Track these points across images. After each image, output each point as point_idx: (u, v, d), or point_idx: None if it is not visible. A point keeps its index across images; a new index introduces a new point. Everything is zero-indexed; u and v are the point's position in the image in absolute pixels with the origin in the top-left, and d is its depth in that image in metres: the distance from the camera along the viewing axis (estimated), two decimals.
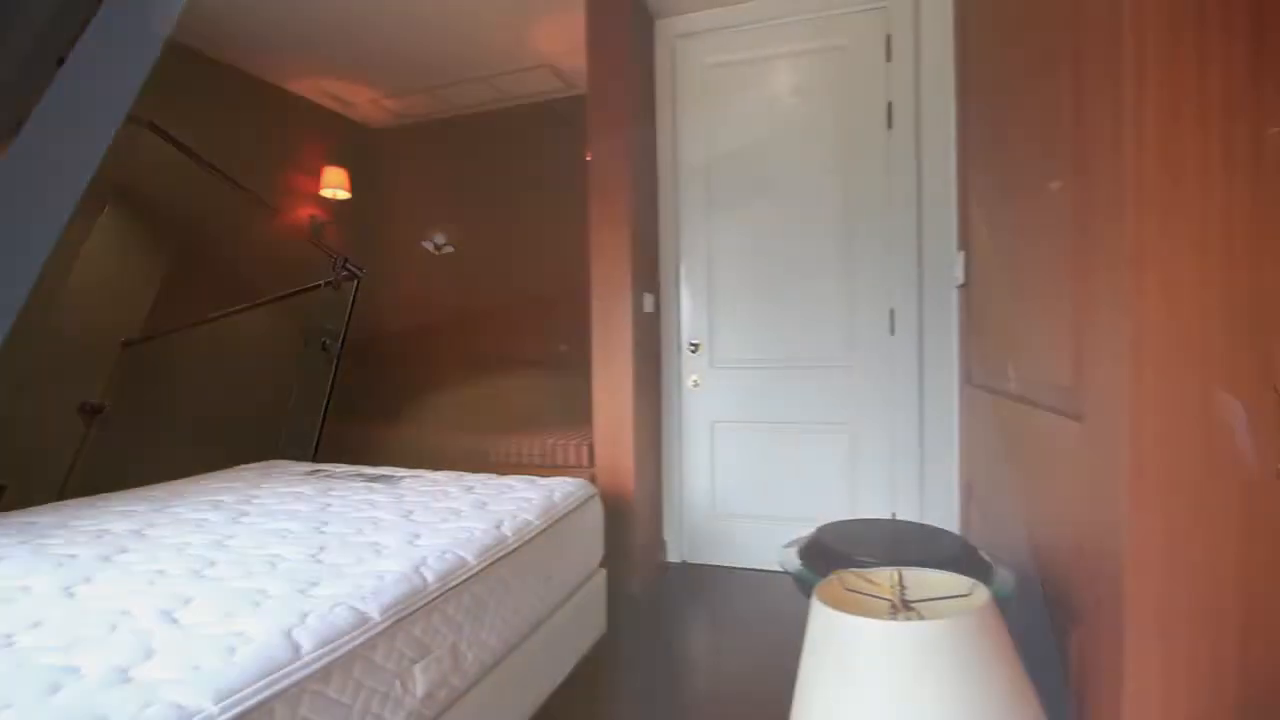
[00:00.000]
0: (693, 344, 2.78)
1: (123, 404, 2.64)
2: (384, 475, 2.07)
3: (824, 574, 1.05)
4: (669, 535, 2.83)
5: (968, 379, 2.05)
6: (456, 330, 3.96)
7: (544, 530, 1.61)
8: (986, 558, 1.32)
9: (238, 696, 0.78)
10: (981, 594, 0.93)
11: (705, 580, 2.61)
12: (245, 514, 1.58)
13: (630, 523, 2.46)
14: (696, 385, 2.78)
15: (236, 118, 3.26)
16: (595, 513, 1.95)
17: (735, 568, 2.73)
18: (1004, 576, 1.22)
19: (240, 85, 3.28)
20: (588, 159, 2.59)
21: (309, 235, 3.70)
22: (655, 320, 2.76)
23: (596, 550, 1.95)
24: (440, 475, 2.05)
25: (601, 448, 2.52)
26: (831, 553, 1.26)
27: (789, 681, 0.91)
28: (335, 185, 3.65)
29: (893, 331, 2.52)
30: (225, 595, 1.04)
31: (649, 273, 2.69)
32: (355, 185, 3.89)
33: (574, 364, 3.62)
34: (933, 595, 1.00)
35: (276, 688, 0.83)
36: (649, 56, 2.72)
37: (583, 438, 2.65)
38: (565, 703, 1.70)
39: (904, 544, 1.39)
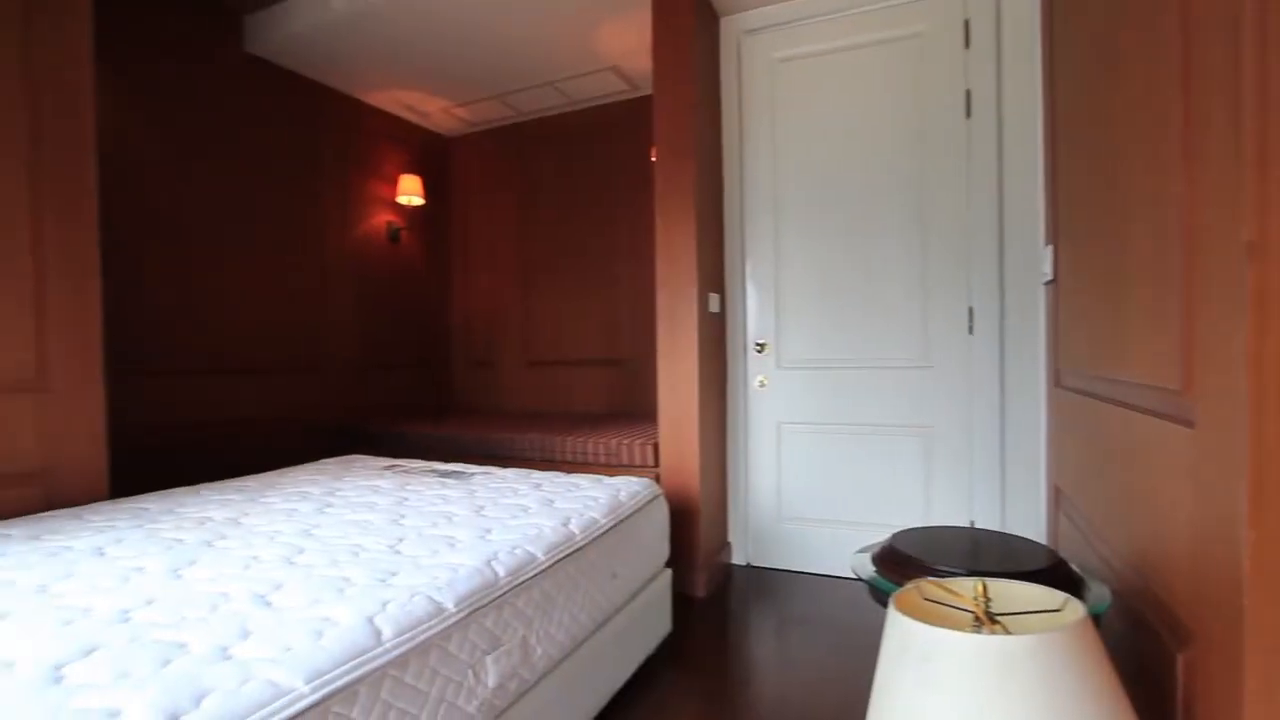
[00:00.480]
0: (758, 344, 2.74)
1: None
2: (455, 471, 2.13)
3: (900, 582, 1.01)
4: (734, 538, 2.80)
5: (1056, 381, 1.93)
6: (524, 330, 4.04)
7: (610, 529, 1.62)
8: (1078, 571, 1.23)
9: (326, 678, 0.82)
10: (1075, 610, 0.87)
11: (771, 584, 2.57)
12: (330, 505, 1.66)
13: (695, 524, 2.45)
14: (762, 386, 2.74)
15: (319, 130, 3.45)
16: (660, 513, 1.95)
17: (801, 572, 2.67)
18: (1099, 592, 1.14)
19: (326, 100, 3.47)
20: (653, 159, 2.59)
21: (386, 240, 3.87)
22: (721, 320, 2.73)
23: (662, 551, 1.95)
24: (508, 472, 2.10)
25: (666, 448, 2.52)
26: (908, 561, 1.21)
27: (857, 689, 0.88)
28: (411, 192, 3.81)
29: (971, 330, 2.40)
30: (313, 582, 1.10)
31: (715, 272, 2.66)
32: (429, 191, 4.05)
33: (638, 364, 3.64)
34: (1020, 609, 0.95)
35: (360, 671, 0.87)
36: (714, 54, 2.70)
37: (647, 437, 2.66)
38: (630, 700, 1.71)
39: (985, 554, 1.32)
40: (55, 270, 1.77)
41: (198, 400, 2.85)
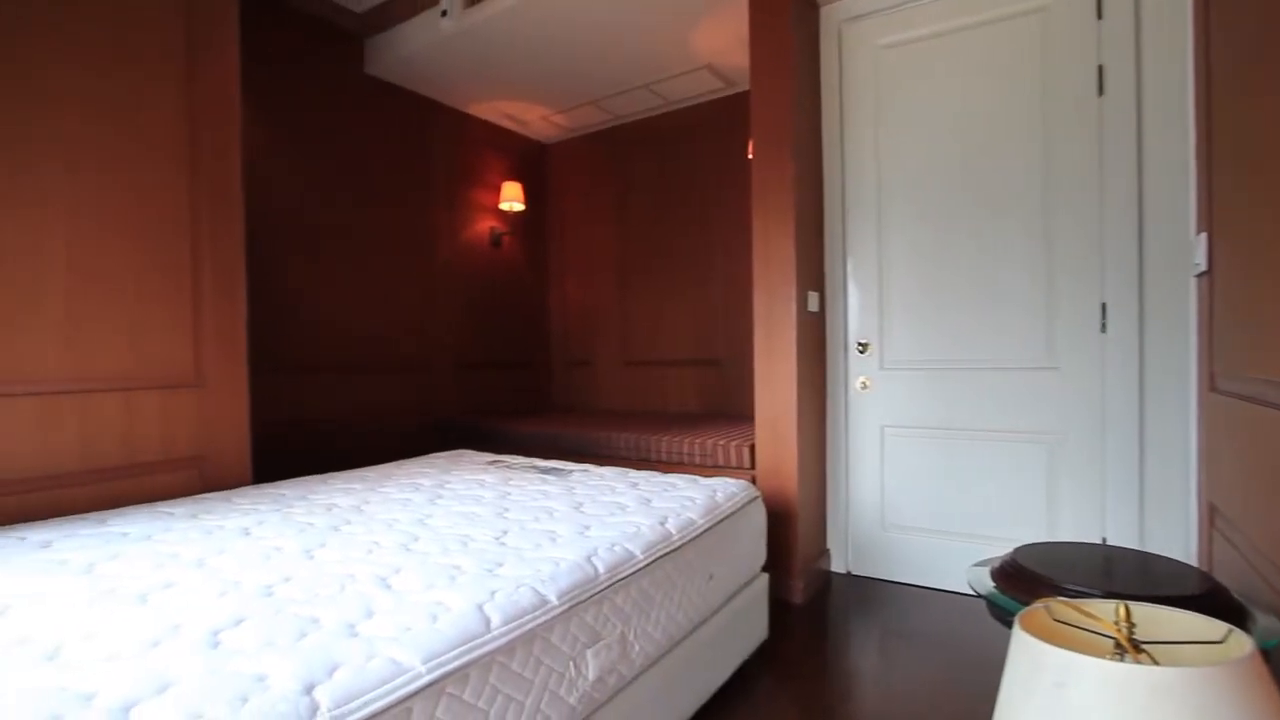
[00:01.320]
0: (861, 344, 2.63)
1: None
2: (555, 468, 2.19)
3: (1026, 601, 0.93)
4: (833, 544, 2.70)
5: (1211, 384, 1.71)
6: (620, 330, 4.11)
7: (707, 530, 1.61)
8: (1240, 600, 1.09)
9: (441, 659, 0.87)
10: (1241, 643, 0.77)
11: (872, 594, 2.46)
12: (440, 496, 1.76)
13: (793, 528, 2.39)
14: (865, 387, 2.62)
15: (429, 142, 3.66)
16: (758, 516, 1.91)
17: (905, 584, 2.54)
18: (1270, 625, 1.00)
19: (435, 114, 3.68)
20: (749, 156, 2.55)
21: (489, 245, 4.05)
22: (820, 319, 2.65)
23: (759, 554, 1.92)
24: (606, 470, 2.13)
25: (763, 450, 2.48)
26: (1034, 578, 1.11)
27: (969, 710, 0.82)
28: (512, 198, 3.96)
29: (1104, 329, 2.19)
30: (428, 568, 1.16)
31: (814, 270, 2.59)
32: (529, 196, 4.20)
33: (734, 364, 3.60)
34: (1170, 638, 0.85)
35: (471, 656, 0.91)
36: (813, 45, 2.62)
37: (743, 439, 2.62)
38: (726, 705, 1.69)
39: (1123, 574, 1.19)
40: (209, 282, 1.98)
41: (322, 396, 3.11)
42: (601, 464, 2.71)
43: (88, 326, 1.72)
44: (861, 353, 2.63)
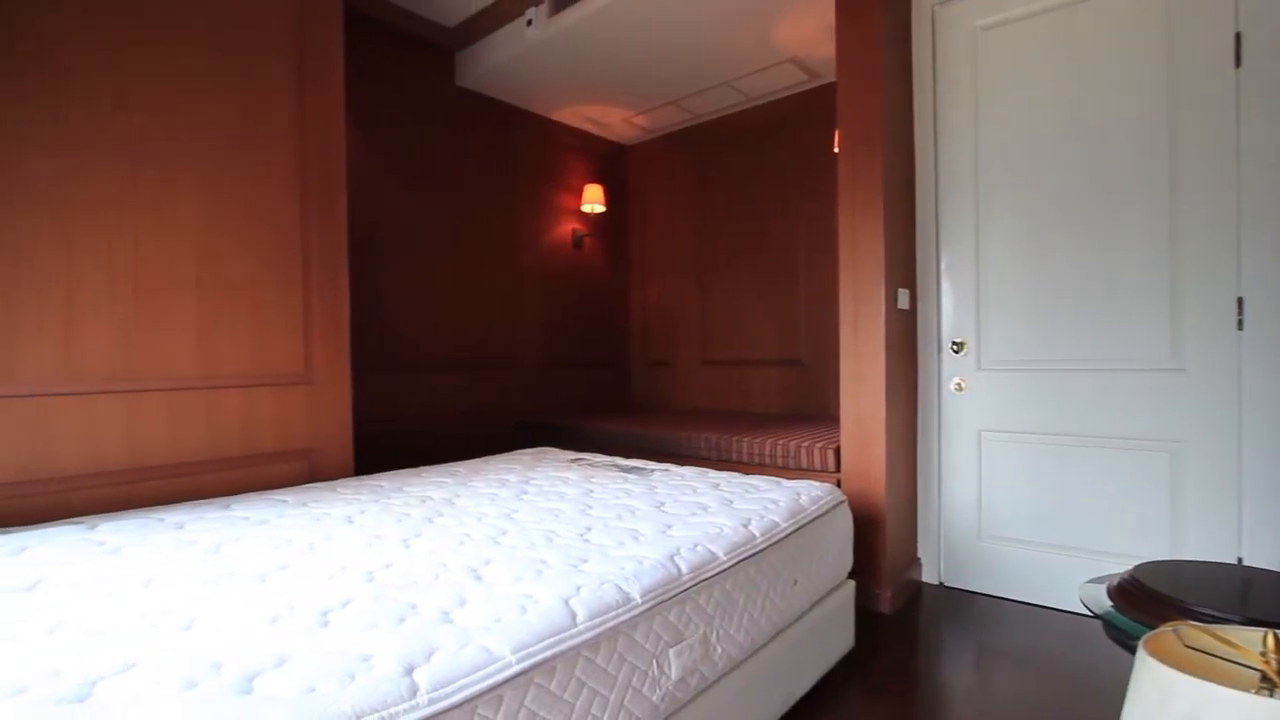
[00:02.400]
0: (956, 343, 2.50)
1: None
2: (636, 467, 2.21)
3: (1151, 623, 0.85)
4: (924, 553, 2.58)
5: None
6: (700, 329, 4.09)
7: (791, 533, 1.57)
8: None
9: (530, 650, 0.89)
10: None
11: (967, 607, 2.32)
12: (525, 492, 1.81)
13: (881, 535, 2.29)
14: (960, 389, 2.49)
15: (515, 148, 3.78)
16: (844, 521, 1.85)
17: (1004, 598, 2.39)
18: None
19: (520, 121, 3.79)
20: (835, 150, 2.48)
21: (571, 247, 4.13)
22: (910, 317, 2.53)
23: (845, 561, 1.86)
24: (686, 470, 2.13)
25: (849, 453, 2.39)
26: (1160, 599, 1.02)
27: None
28: (594, 200, 4.03)
29: (1241, 326, 1.97)
30: (516, 561, 1.20)
31: (904, 266, 2.48)
32: (609, 198, 4.25)
33: (817, 364, 3.50)
34: None
35: (558, 649, 0.93)
36: (903, 31, 2.51)
37: (828, 441, 2.55)
38: (810, 713, 1.65)
39: (1267, 599, 1.07)
40: (316, 287, 2.13)
41: (412, 394, 3.27)
42: (681, 464, 2.71)
43: (214, 330, 1.89)
44: (956, 352, 2.49)
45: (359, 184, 2.99)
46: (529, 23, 2.98)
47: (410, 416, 3.24)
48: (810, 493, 1.79)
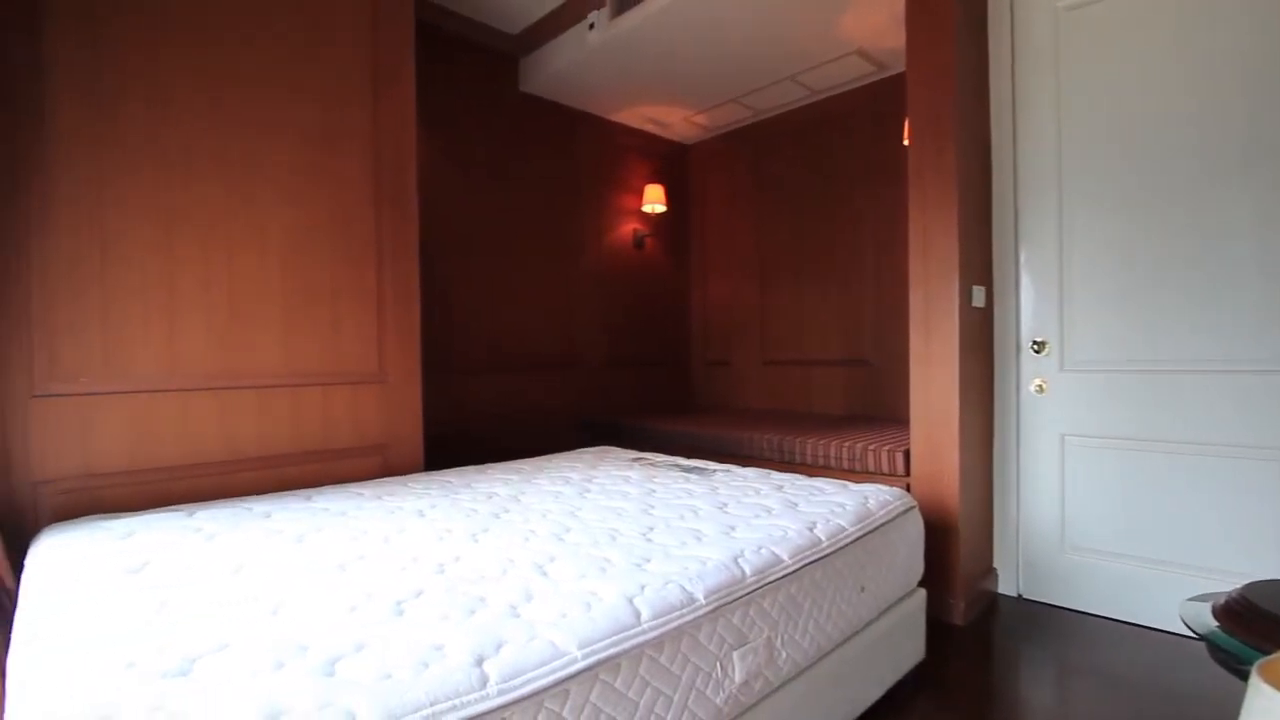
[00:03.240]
0: (1036, 342, 2.37)
1: None
2: (697, 467, 2.20)
3: (1264, 647, 0.78)
4: (1001, 563, 2.46)
5: None
6: (761, 329, 4.03)
7: (858, 538, 1.53)
8: None
9: (596, 647, 0.90)
10: None
11: (1048, 622, 2.20)
12: (588, 491, 1.83)
13: (953, 543, 2.20)
14: (1041, 391, 2.36)
15: (577, 150, 3.83)
16: (914, 527, 1.78)
17: (1090, 614, 2.24)
18: None
19: (582, 124, 3.84)
20: (905, 143, 2.39)
21: (632, 247, 4.15)
22: (986, 315, 2.42)
23: (915, 568, 1.79)
24: (748, 471, 2.10)
25: (919, 456, 2.31)
26: (1273, 621, 0.93)
27: None
28: (654, 200, 4.04)
29: None
30: (580, 558, 1.21)
31: (979, 262, 2.37)
32: (670, 197, 4.25)
33: (884, 364, 3.39)
34: None
35: (623, 646, 0.94)
36: (979, 15, 2.39)
37: (896, 444, 2.46)
38: None
39: None
40: (389, 290, 2.22)
41: (478, 393, 3.36)
42: (743, 464, 2.68)
43: (297, 330, 2.00)
44: (1037, 352, 2.36)
45: (426, 189, 3.10)
46: (591, 26, 3.01)
47: (474, 415, 3.33)
48: (878, 497, 1.74)
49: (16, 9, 1.56)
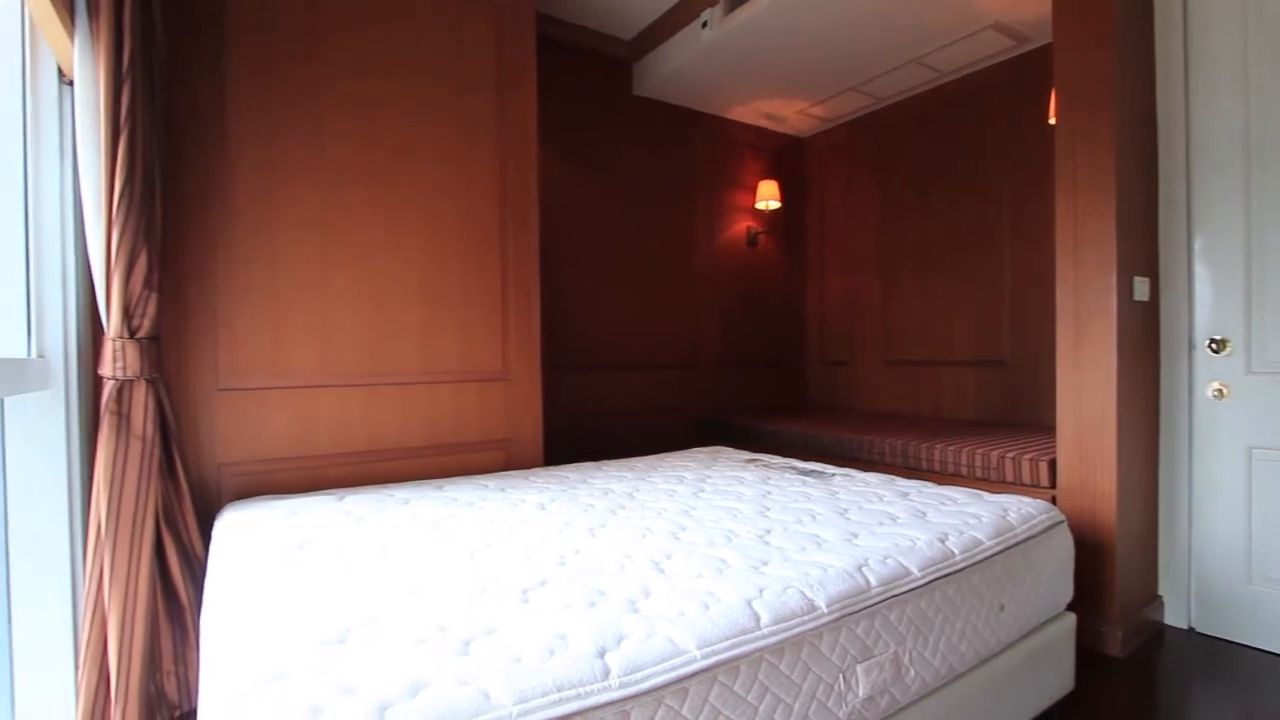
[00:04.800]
0: (1214, 341, 2.07)
1: None
2: (815, 470, 2.13)
3: None
4: (1169, 591, 2.17)
5: None
6: (883, 327, 3.84)
7: (997, 553, 1.41)
8: None
9: (715, 647, 0.90)
10: None
11: (1227, 661, 1.91)
12: (702, 490, 1.83)
13: (1109, 564, 1.98)
14: (1220, 396, 2.06)
15: (690, 150, 3.83)
16: (1062, 544, 1.62)
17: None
18: None
19: (695, 123, 3.84)
20: (1051, 122, 2.18)
21: (745, 245, 4.10)
22: (1152, 311, 2.15)
23: (1062, 590, 1.62)
24: (870, 477, 2.00)
25: (1067, 467, 2.09)
26: None
27: None
28: (768, 197, 3.96)
29: None
30: (695, 557, 1.21)
31: (1142, 251, 2.11)
32: (785, 193, 4.14)
33: (1023, 364, 3.11)
34: None
35: (742, 649, 0.92)
36: None
37: (1038, 451, 2.25)
38: None
39: None
40: (513, 292, 2.33)
41: (592, 391, 3.45)
42: (863, 469, 2.56)
43: (431, 332, 2.15)
44: (1216, 352, 2.07)
45: (544, 194, 3.22)
46: (704, 24, 3.00)
47: (586, 413, 3.43)
48: (1020, 510, 1.59)
49: (206, 64, 1.80)
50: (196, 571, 1.58)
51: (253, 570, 1.15)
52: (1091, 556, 1.99)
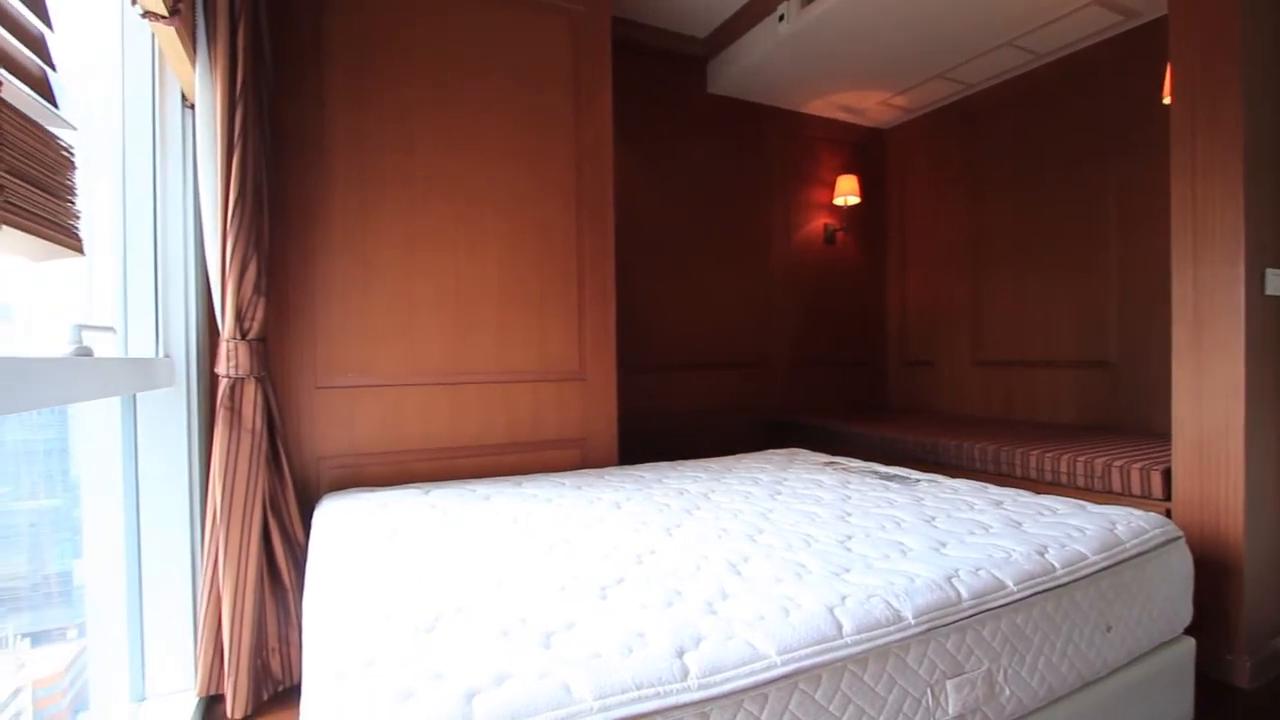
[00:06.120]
0: None
1: None
2: (897, 475, 2.04)
3: None
4: None
5: None
6: (972, 326, 3.64)
7: (1104, 569, 1.30)
8: None
9: (795, 654, 0.87)
10: None
11: None
12: (779, 493, 1.79)
13: (1236, 586, 1.79)
14: None
15: (765, 147, 3.77)
16: (1179, 562, 1.48)
17: None
18: None
19: (770, 120, 3.78)
20: (1166, 100, 2.00)
21: (822, 242, 3.99)
22: None
23: (1180, 612, 1.49)
24: (958, 483, 1.90)
25: (1184, 476, 1.92)
26: None
27: None
28: (847, 192, 3.84)
29: None
30: (773, 561, 1.19)
31: (1274, 241, 1.90)
32: (864, 188, 4.01)
33: (1131, 365, 2.88)
34: None
35: (824, 657, 0.90)
36: None
37: (1151, 460, 2.07)
38: None
39: None
40: (589, 293, 2.37)
41: (666, 391, 3.44)
42: (950, 475, 2.44)
43: (510, 333, 2.21)
44: None
45: (619, 194, 3.20)
46: (781, 18, 2.94)
47: (661, 412, 3.43)
48: (1130, 523, 1.47)
49: (308, 84, 1.93)
50: (298, 557, 1.69)
51: (348, 558, 1.22)
52: (1214, 577, 1.81)
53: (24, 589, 1.49)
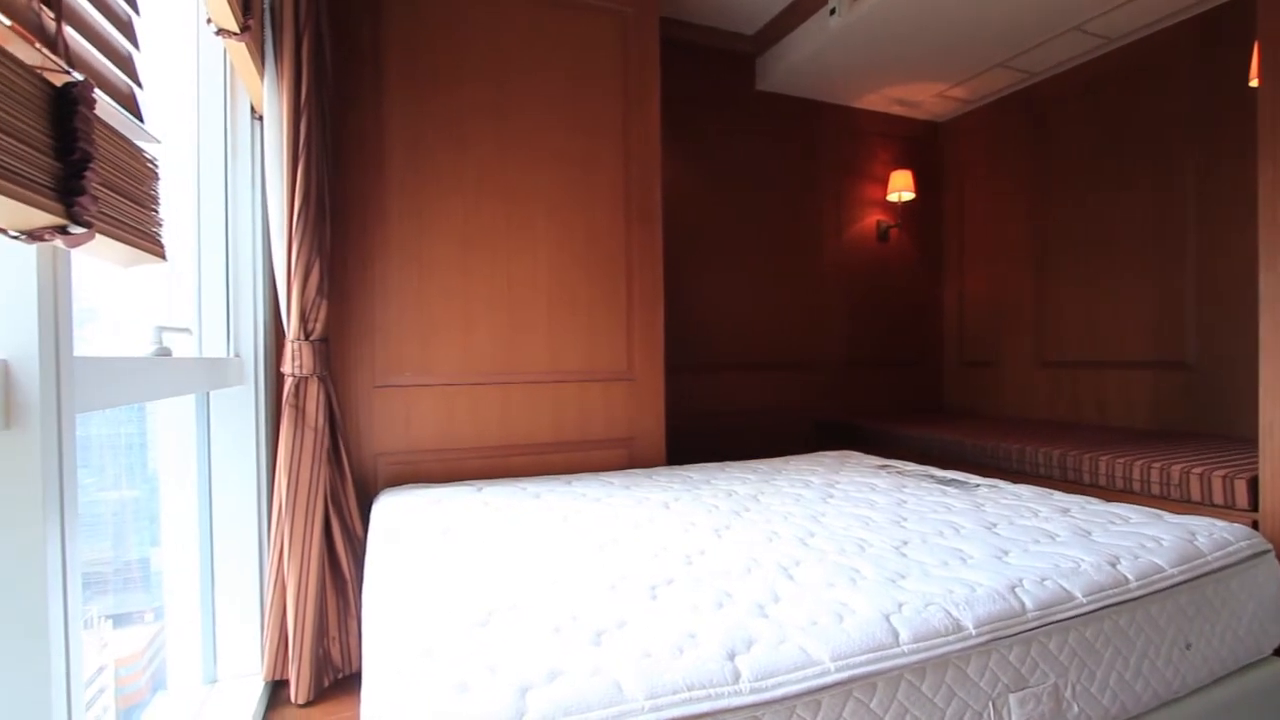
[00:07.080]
0: None
1: None
2: (955, 479, 1.98)
3: None
4: None
5: None
6: (1036, 325, 3.49)
7: (1182, 583, 1.23)
8: None
9: (850, 661, 0.86)
10: None
11: None
12: (831, 496, 1.75)
13: None
14: None
15: (816, 143, 3.70)
16: (1267, 577, 1.38)
17: None
18: None
19: (820, 115, 3.71)
20: (1253, 83, 1.88)
21: (875, 240, 3.90)
22: None
23: (1270, 631, 1.39)
24: (1021, 489, 1.83)
25: (1275, 486, 1.79)
26: None
27: None
28: (901, 188, 3.74)
29: None
30: (826, 565, 1.16)
31: None
32: (919, 184, 3.89)
33: (1212, 366, 2.71)
34: None
35: (879, 666, 0.88)
36: None
37: (1234, 468, 1.94)
38: None
39: None
40: (637, 294, 2.37)
41: (713, 391, 3.42)
42: (1012, 480, 2.34)
43: (560, 333, 2.24)
44: None
45: (667, 194, 3.24)
46: (832, 11, 2.88)
47: (709, 413, 3.41)
48: (1212, 534, 1.38)
49: (367, 95, 2.00)
50: (357, 550, 1.75)
51: (405, 552, 1.26)
52: None
53: (109, 573, 1.59)
